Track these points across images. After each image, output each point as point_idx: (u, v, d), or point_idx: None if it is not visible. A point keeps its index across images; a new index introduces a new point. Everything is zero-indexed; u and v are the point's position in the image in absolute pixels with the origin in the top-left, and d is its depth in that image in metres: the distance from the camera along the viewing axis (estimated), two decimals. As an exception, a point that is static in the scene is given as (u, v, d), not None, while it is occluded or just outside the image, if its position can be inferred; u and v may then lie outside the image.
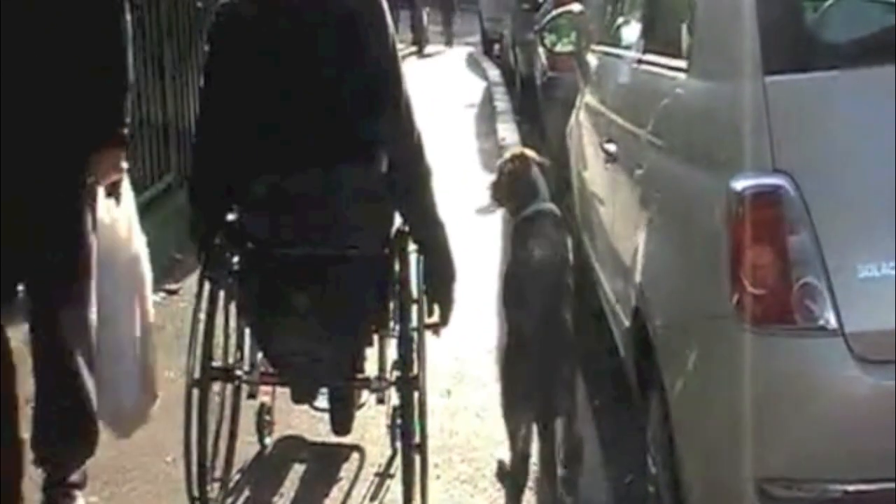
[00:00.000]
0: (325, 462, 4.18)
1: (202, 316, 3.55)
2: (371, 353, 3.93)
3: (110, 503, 3.89)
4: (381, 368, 3.87)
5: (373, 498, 3.92)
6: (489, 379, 4.72)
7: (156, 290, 5.87)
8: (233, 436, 3.97)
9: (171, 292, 5.86)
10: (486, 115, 11.36)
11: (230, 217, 3.67)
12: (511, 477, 3.84)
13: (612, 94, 4.53)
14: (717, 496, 2.84)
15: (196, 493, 3.57)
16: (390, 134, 3.62)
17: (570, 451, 3.78)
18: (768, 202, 2.64)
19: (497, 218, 7.21)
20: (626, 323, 3.65)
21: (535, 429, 3.66)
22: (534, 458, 3.75)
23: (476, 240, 6.58)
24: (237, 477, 4.04)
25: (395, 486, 3.67)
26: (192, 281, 4.99)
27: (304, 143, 3.53)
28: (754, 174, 2.68)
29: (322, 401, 4.21)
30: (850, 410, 2.58)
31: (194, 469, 3.53)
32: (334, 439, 4.29)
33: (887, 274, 2.57)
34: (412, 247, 3.71)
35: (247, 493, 3.98)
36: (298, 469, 4.15)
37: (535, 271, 3.74)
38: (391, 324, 3.74)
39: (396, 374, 3.69)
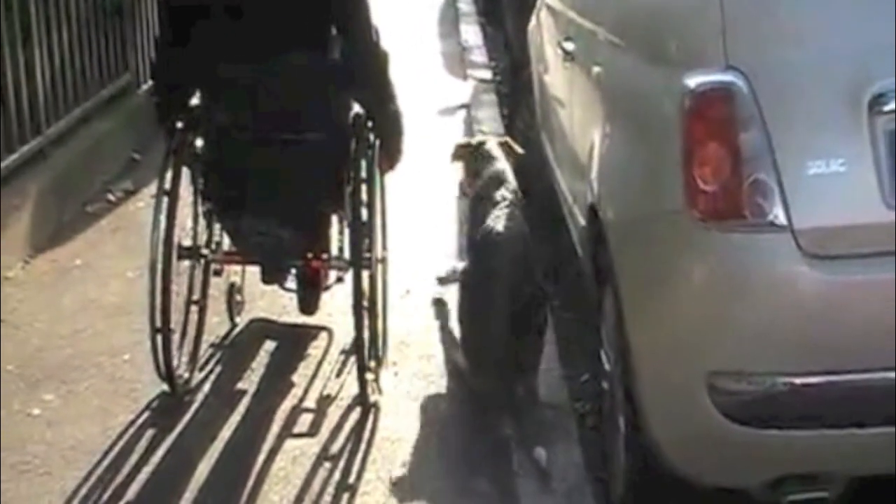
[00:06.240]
0: (294, 341, 4.31)
1: (166, 191, 3.69)
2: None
3: (67, 401, 3.92)
4: (340, 249, 4.01)
5: (338, 375, 4.05)
6: (447, 279, 4.75)
7: (114, 190, 5.88)
8: (202, 312, 4.09)
9: (130, 192, 5.82)
10: (450, 17, 11.23)
11: (193, 102, 3.84)
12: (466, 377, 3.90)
13: (572, -7, 4.49)
14: (668, 390, 2.87)
15: (163, 368, 3.70)
16: (346, 27, 3.78)
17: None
18: (720, 99, 2.64)
19: (458, 119, 7.18)
20: (583, 221, 3.66)
21: None
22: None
23: (436, 140, 6.54)
24: (207, 354, 4.16)
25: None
26: (150, 181, 4.98)
27: (264, 32, 3.67)
28: (707, 71, 2.69)
29: (291, 282, 4.34)
30: (798, 305, 2.62)
31: (159, 343, 3.67)
32: (303, 320, 4.42)
33: (836, 171, 2.59)
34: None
35: (218, 369, 4.11)
36: (268, 346, 4.28)
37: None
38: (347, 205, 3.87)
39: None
